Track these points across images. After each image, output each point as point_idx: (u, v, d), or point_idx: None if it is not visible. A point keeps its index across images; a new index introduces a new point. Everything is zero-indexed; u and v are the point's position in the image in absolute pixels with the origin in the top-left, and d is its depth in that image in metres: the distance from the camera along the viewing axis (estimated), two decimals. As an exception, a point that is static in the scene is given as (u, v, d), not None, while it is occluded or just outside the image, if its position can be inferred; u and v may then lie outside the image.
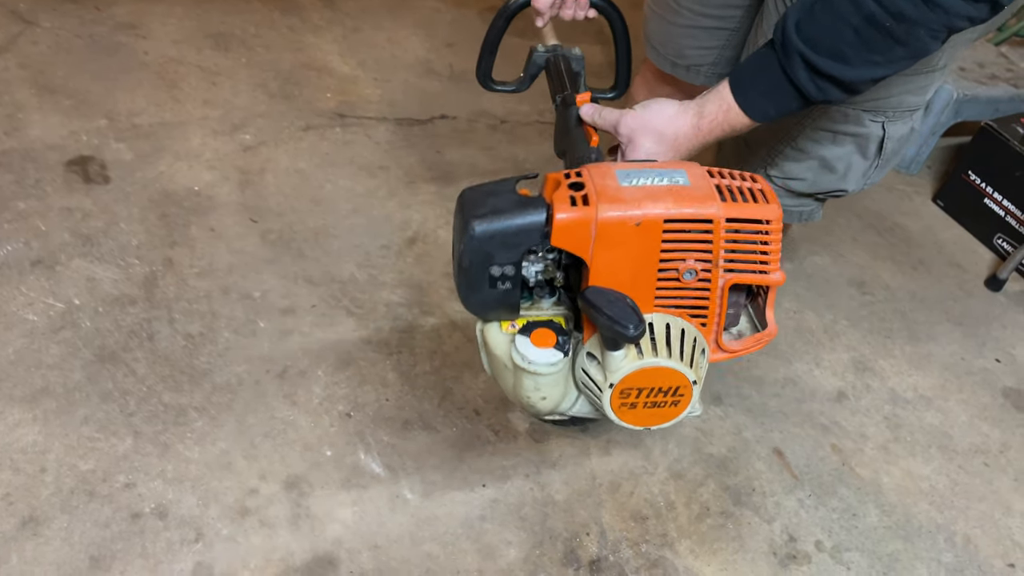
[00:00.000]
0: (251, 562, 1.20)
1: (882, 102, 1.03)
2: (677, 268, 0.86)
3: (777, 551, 1.34)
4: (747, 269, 0.88)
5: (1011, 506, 1.47)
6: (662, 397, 0.89)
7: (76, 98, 1.99)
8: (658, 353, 0.86)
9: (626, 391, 0.88)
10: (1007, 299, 1.94)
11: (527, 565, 1.26)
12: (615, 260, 0.85)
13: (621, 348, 0.86)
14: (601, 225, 0.83)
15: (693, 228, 0.84)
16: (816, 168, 1.10)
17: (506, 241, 0.85)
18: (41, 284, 1.54)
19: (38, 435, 1.31)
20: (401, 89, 2.24)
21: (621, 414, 0.91)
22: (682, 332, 0.89)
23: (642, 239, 0.84)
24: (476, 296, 0.90)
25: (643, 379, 0.87)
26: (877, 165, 1.11)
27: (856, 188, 1.14)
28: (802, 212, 1.20)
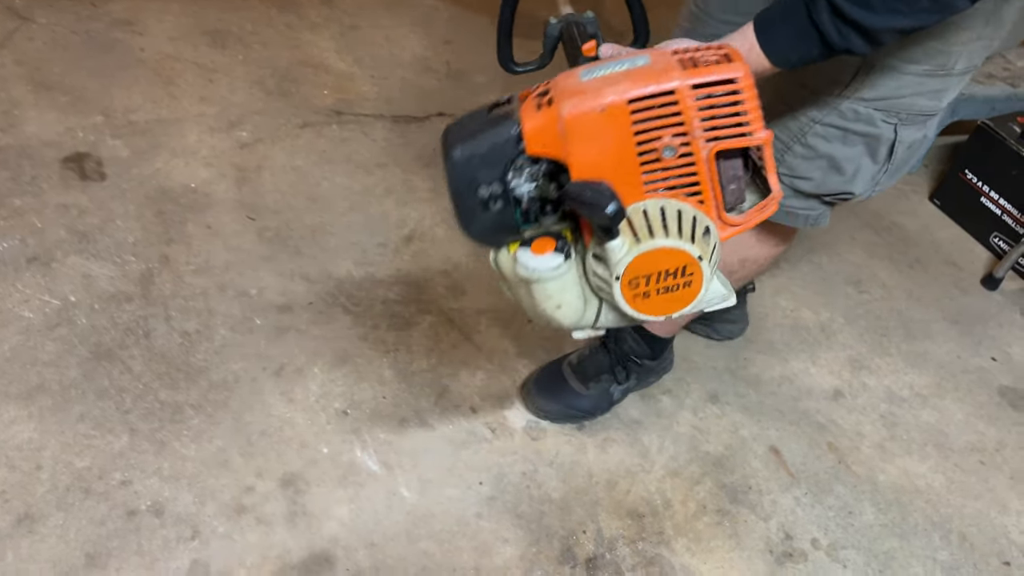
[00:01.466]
0: (247, 560, 1.20)
1: (894, 102, 1.02)
2: (655, 148, 0.85)
3: (773, 549, 1.34)
4: (727, 134, 0.86)
5: (1007, 504, 1.47)
6: (672, 280, 0.87)
7: (72, 95, 1.98)
8: (654, 234, 0.85)
9: (634, 281, 0.87)
10: (1003, 298, 1.94)
11: (523, 563, 1.26)
12: (592, 154, 0.85)
13: (616, 237, 0.86)
14: (567, 122, 0.83)
15: (659, 103, 0.83)
16: (824, 168, 1.08)
17: (485, 159, 0.86)
18: (37, 281, 1.53)
19: (34, 432, 1.31)
20: (398, 86, 2.24)
21: (638, 306, 0.89)
22: (678, 212, 0.87)
23: (611, 126, 0.84)
24: (474, 223, 0.91)
25: (647, 265, 0.86)
26: (887, 170, 1.09)
27: (864, 192, 1.12)
28: (808, 215, 1.17)
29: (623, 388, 1.48)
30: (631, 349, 1.45)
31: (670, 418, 1.51)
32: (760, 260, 1.30)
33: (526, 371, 1.54)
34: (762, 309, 1.77)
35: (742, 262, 1.28)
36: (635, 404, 1.53)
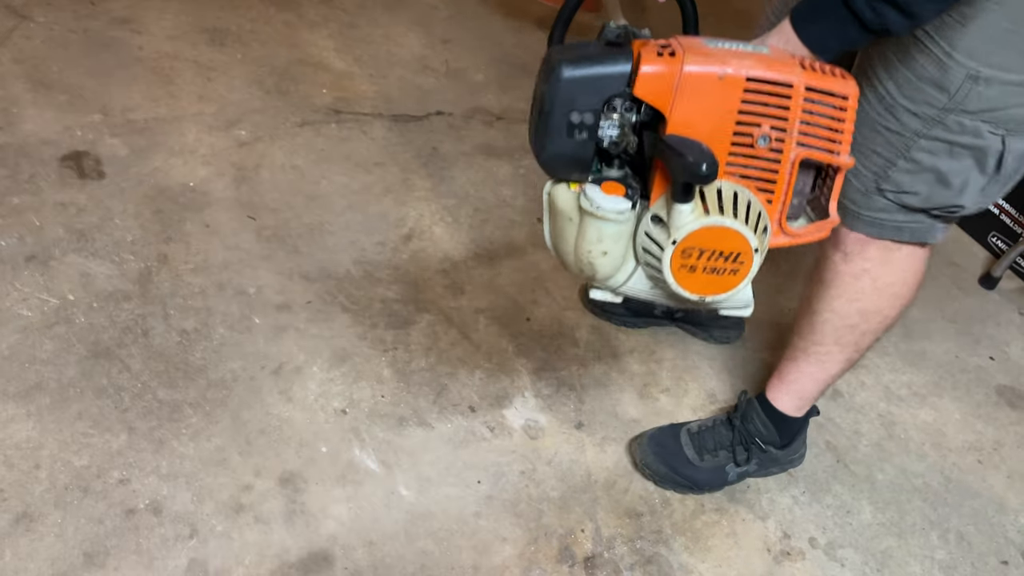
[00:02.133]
0: (246, 558, 1.20)
1: (1000, 113, 0.99)
2: (752, 133, 0.87)
3: (771, 548, 1.35)
4: (820, 146, 0.88)
5: (1004, 503, 1.48)
6: (722, 263, 0.89)
7: (71, 93, 1.98)
8: (724, 213, 0.87)
9: (688, 250, 0.87)
10: (1001, 297, 1.94)
11: (522, 561, 1.27)
12: (694, 115, 0.86)
13: (690, 201, 0.87)
14: (685, 77, 0.85)
15: (773, 91, 0.85)
16: (931, 182, 1.05)
17: (590, 86, 0.87)
18: (35, 279, 1.53)
19: (32, 431, 1.30)
20: (397, 85, 2.24)
21: (680, 277, 0.90)
22: (749, 202, 0.89)
23: (723, 95, 0.85)
24: (552, 145, 0.90)
25: (706, 239, 0.87)
26: (996, 181, 1.05)
27: (973, 205, 1.08)
28: (915, 229, 1.12)
29: (741, 471, 1.39)
30: (756, 431, 1.37)
31: (668, 417, 1.51)
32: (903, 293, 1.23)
33: (525, 370, 1.55)
34: (760, 309, 1.77)
35: (894, 298, 1.22)
36: (634, 403, 1.53)
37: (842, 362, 1.29)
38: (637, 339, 1.65)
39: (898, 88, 1.01)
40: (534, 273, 1.75)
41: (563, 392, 1.53)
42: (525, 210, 1.90)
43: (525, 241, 1.82)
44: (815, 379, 1.32)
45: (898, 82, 1.01)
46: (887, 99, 1.03)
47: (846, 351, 1.27)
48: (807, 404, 1.37)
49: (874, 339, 1.27)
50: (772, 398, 1.37)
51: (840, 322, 1.23)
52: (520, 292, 1.70)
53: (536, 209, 1.90)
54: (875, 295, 1.19)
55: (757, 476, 1.43)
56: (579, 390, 1.54)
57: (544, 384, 1.53)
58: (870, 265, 1.17)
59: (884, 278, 1.18)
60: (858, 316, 1.22)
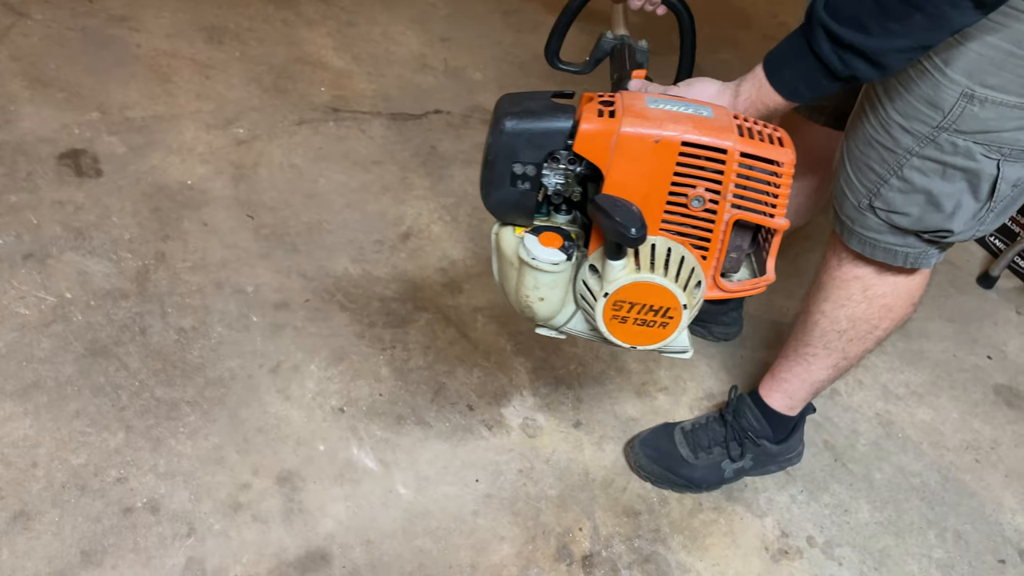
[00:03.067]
0: (244, 557, 1.20)
1: (996, 136, 0.96)
2: (687, 194, 0.89)
3: (769, 546, 1.35)
4: (754, 208, 0.90)
5: (1002, 502, 1.48)
6: (652, 316, 0.92)
7: (68, 91, 1.98)
8: (655, 270, 0.90)
9: (619, 303, 0.91)
10: (999, 296, 1.95)
11: (520, 560, 1.27)
12: (630, 174, 0.89)
13: (622, 258, 0.90)
14: (622, 138, 0.87)
15: (708, 155, 0.87)
16: (922, 203, 1.03)
17: (532, 140, 0.90)
18: (32, 278, 1.53)
19: (29, 429, 1.30)
20: (395, 84, 2.24)
21: (612, 327, 0.94)
22: (681, 259, 0.92)
23: (658, 158, 0.88)
24: (497, 192, 0.95)
25: (637, 293, 0.90)
26: (990, 209, 1.03)
27: (964, 231, 1.06)
28: (908, 253, 1.11)
29: (736, 467, 1.39)
30: (749, 426, 1.38)
31: (667, 416, 1.51)
32: (896, 311, 1.22)
33: (523, 369, 1.55)
34: (758, 308, 1.77)
35: (884, 309, 1.21)
36: (632, 402, 1.53)
37: (829, 367, 1.29)
38: (635, 338, 1.65)
39: (892, 103, 1.00)
40: (532, 272, 1.75)
41: (561, 391, 1.53)
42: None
43: (523, 240, 1.82)
44: (802, 380, 1.32)
45: (892, 97, 1.00)
46: (881, 114, 1.02)
47: (832, 356, 1.27)
48: (797, 404, 1.37)
49: (863, 349, 1.26)
50: (764, 395, 1.38)
51: (829, 325, 1.24)
52: (518, 291, 1.70)
53: (534, 208, 1.90)
54: (865, 303, 1.19)
55: (755, 474, 1.43)
56: (577, 389, 1.54)
57: (542, 383, 1.53)
58: (863, 272, 1.17)
59: (876, 288, 1.17)
60: (846, 322, 1.22)
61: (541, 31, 1.31)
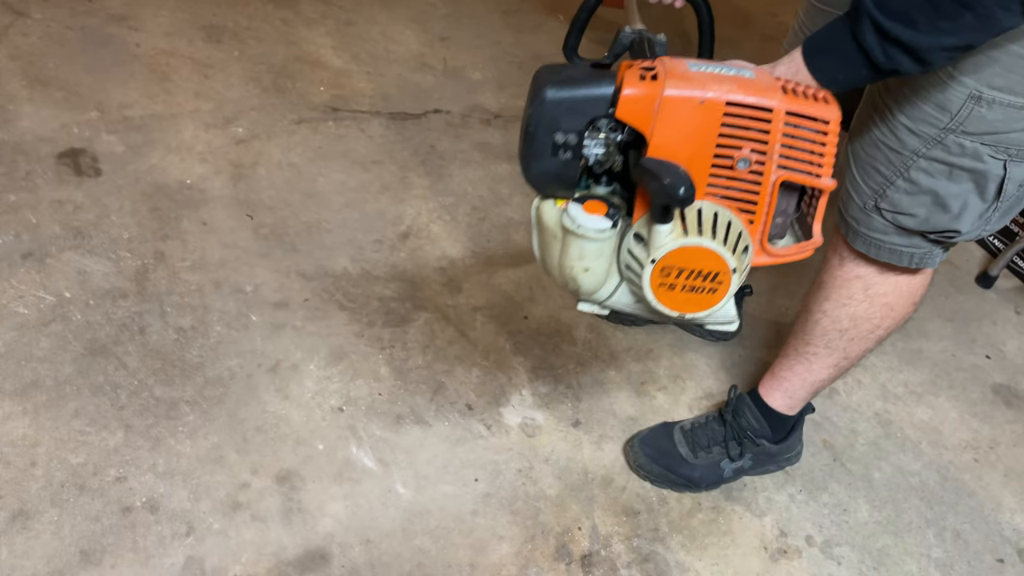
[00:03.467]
0: (243, 556, 1.20)
1: (1003, 137, 0.97)
2: (732, 156, 0.88)
3: (768, 546, 1.35)
4: (800, 168, 0.89)
5: (1000, 502, 1.48)
6: (700, 282, 0.90)
7: (67, 90, 1.97)
8: (703, 233, 0.88)
9: (667, 269, 0.89)
10: (998, 296, 1.95)
11: (519, 559, 1.27)
12: (674, 138, 0.88)
13: (669, 222, 0.89)
14: (665, 101, 0.86)
15: (753, 115, 0.86)
16: (928, 204, 1.04)
17: (574, 107, 0.89)
18: (32, 277, 1.53)
19: (28, 428, 1.30)
20: (395, 83, 2.24)
21: (659, 294, 0.92)
22: (729, 222, 0.91)
23: (703, 119, 0.87)
24: (538, 164, 0.93)
25: (685, 258, 0.89)
26: (996, 208, 1.03)
27: (971, 232, 1.06)
28: (913, 254, 1.11)
29: (735, 467, 1.38)
30: (748, 425, 1.38)
31: (665, 415, 1.51)
32: (897, 311, 1.23)
33: (522, 368, 1.55)
34: (758, 307, 1.78)
35: (885, 308, 1.21)
36: (631, 401, 1.53)
37: (830, 367, 1.29)
38: (634, 337, 1.65)
39: (898, 106, 1.00)
40: (532, 271, 1.75)
41: (560, 390, 1.53)
42: (523, 208, 1.90)
43: (523, 239, 1.82)
44: (803, 379, 1.33)
45: (898, 100, 1.00)
46: (887, 116, 1.02)
47: (834, 355, 1.27)
48: (797, 404, 1.37)
49: (864, 348, 1.26)
50: (764, 394, 1.38)
51: (830, 325, 1.24)
52: (517, 290, 1.70)
53: (534, 207, 1.90)
54: (866, 302, 1.19)
55: (754, 474, 1.43)
56: (576, 388, 1.54)
57: (541, 382, 1.53)
58: (865, 272, 1.17)
59: (877, 287, 1.18)
60: (848, 321, 1.22)
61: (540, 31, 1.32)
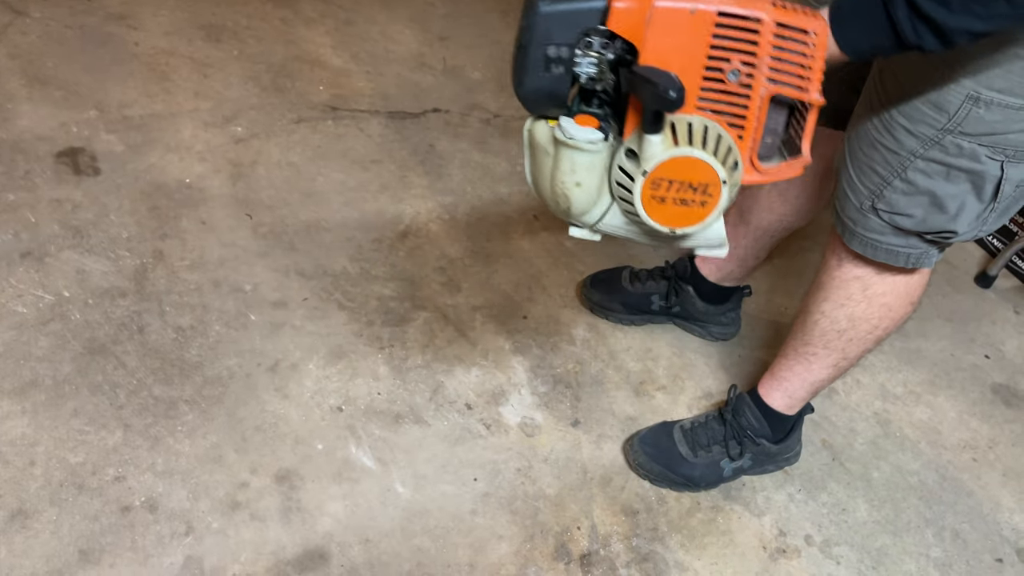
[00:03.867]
0: (242, 555, 1.20)
1: (1000, 138, 0.97)
2: (722, 68, 0.89)
3: (767, 545, 1.35)
4: (789, 82, 0.90)
5: (999, 501, 1.48)
6: (691, 194, 0.92)
7: (66, 89, 1.97)
8: (693, 144, 0.90)
9: (658, 181, 0.90)
10: (996, 296, 1.95)
11: (518, 559, 1.27)
12: (666, 49, 0.90)
13: (660, 131, 0.90)
14: (657, 12, 0.88)
15: (743, 26, 0.88)
16: (926, 205, 1.04)
17: (566, 20, 0.91)
18: (30, 276, 1.53)
19: (27, 428, 1.30)
20: (394, 82, 2.23)
21: (650, 208, 0.93)
22: (719, 136, 0.92)
23: (694, 30, 0.89)
24: (530, 78, 0.94)
25: (675, 170, 0.90)
26: (993, 209, 1.03)
27: (968, 232, 1.06)
28: (910, 254, 1.11)
29: (735, 466, 1.39)
30: (748, 424, 1.38)
31: (665, 414, 1.51)
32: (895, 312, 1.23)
33: (521, 368, 1.55)
34: (757, 307, 1.78)
35: (884, 308, 1.22)
36: (630, 401, 1.53)
37: (829, 367, 1.30)
38: (633, 337, 1.65)
39: (895, 106, 1.00)
40: (531, 271, 1.75)
41: (559, 390, 1.53)
42: (522, 207, 1.90)
43: (522, 238, 1.82)
44: (803, 379, 1.33)
45: (895, 99, 1.00)
46: (884, 116, 1.02)
47: (832, 356, 1.28)
48: (796, 403, 1.38)
49: (863, 349, 1.27)
50: (763, 394, 1.38)
51: (829, 325, 1.24)
52: (517, 290, 1.70)
53: (533, 205, 1.90)
54: (865, 303, 1.20)
55: (753, 473, 1.43)
56: (575, 388, 1.54)
57: (540, 382, 1.53)
58: (863, 272, 1.17)
59: (875, 287, 1.18)
60: (846, 321, 1.22)
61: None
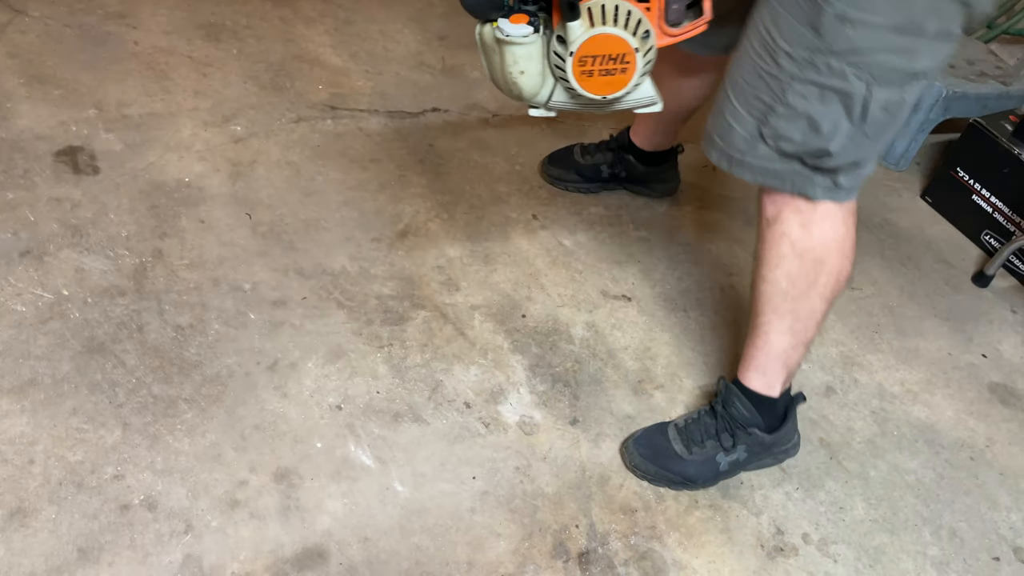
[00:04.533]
0: (241, 554, 1.21)
1: (864, 58, 1.05)
2: None
3: (765, 544, 1.35)
4: None
5: (996, 500, 1.48)
6: (612, 64, 1.09)
7: (65, 88, 1.97)
8: (606, 23, 1.07)
9: (583, 58, 1.08)
10: (994, 295, 1.95)
11: (516, 557, 1.27)
12: None
13: (578, 17, 1.08)
14: None
15: None
16: (805, 128, 1.12)
17: None
18: (29, 275, 1.53)
19: (26, 426, 1.30)
20: (393, 82, 2.24)
21: (582, 82, 1.11)
22: (628, 12, 1.08)
23: None
24: None
25: (596, 46, 1.08)
26: (864, 132, 1.11)
27: (841, 153, 1.13)
28: (794, 180, 1.18)
29: (731, 459, 1.39)
30: (739, 414, 1.38)
31: (663, 413, 1.52)
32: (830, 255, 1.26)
33: (520, 366, 1.55)
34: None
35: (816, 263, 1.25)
36: (628, 399, 1.53)
37: (785, 332, 1.32)
38: (632, 336, 1.66)
39: (779, 31, 1.08)
40: (529, 270, 1.75)
41: (558, 388, 1.53)
42: (520, 207, 1.90)
43: (521, 238, 1.82)
44: (766, 353, 1.36)
45: (779, 25, 1.08)
46: (768, 43, 1.09)
47: (785, 320, 1.31)
48: (775, 382, 1.38)
49: (811, 308, 1.29)
50: (742, 378, 1.40)
51: (771, 289, 1.29)
52: (515, 289, 1.71)
53: (531, 205, 1.91)
54: (796, 259, 1.24)
55: (751, 468, 1.44)
56: (574, 386, 1.54)
57: (539, 380, 1.54)
58: (787, 228, 1.23)
59: (802, 242, 1.23)
60: (785, 281, 1.26)
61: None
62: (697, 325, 1.71)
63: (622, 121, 2.26)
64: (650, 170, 1.93)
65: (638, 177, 1.94)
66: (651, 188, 1.96)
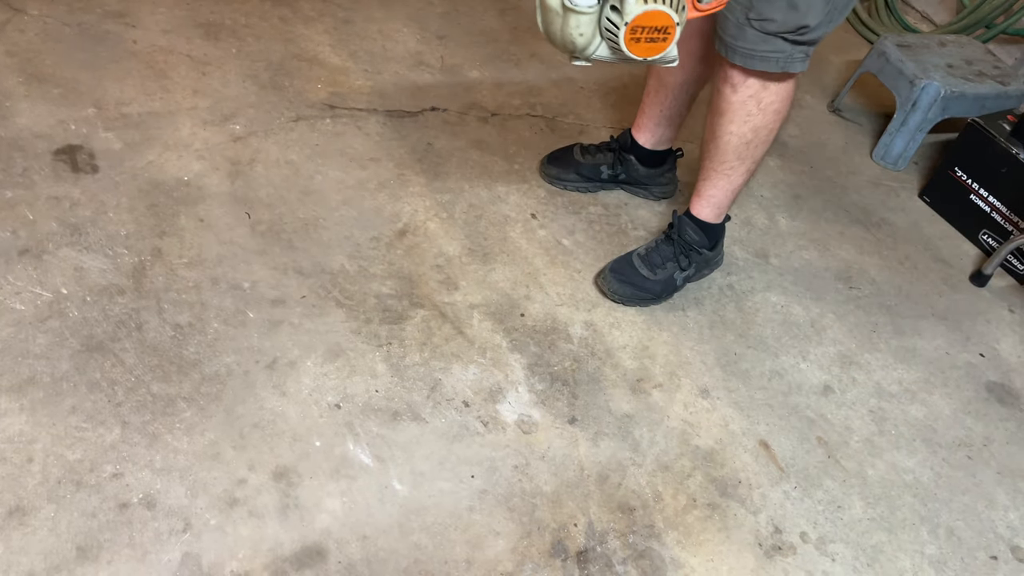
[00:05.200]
0: (239, 552, 1.21)
1: None
2: None
3: (763, 542, 1.36)
4: None
5: (994, 499, 1.49)
6: (656, 34, 1.23)
7: (64, 87, 1.97)
8: (657, 1, 1.21)
9: (635, 28, 1.22)
10: (992, 294, 1.96)
11: (515, 556, 1.27)
12: None
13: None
14: None
15: None
16: (784, 8, 1.35)
17: None
18: (28, 273, 1.53)
19: (25, 425, 1.30)
20: (392, 81, 2.24)
21: (631, 47, 1.24)
22: None
23: None
24: None
25: (646, 19, 1.21)
26: (834, 5, 1.35)
27: (818, 27, 1.37)
28: (779, 58, 1.41)
29: (684, 275, 1.72)
30: (691, 239, 1.71)
31: (661, 412, 1.52)
32: (768, 113, 1.53)
33: (519, 365, 1.55)
34: (753, 305, 1.78)
35: (776, 115, 1.53)
36: (627, 398, 1.53)
37: (744, 173, 1.63)
38: (631, 335, 1.66)
39: None
40: (528, 269, 1.76)
41: (556, 387, 1.53)
42: (519, 206, 1.90)
43: (520, 237, 1.83)
44: (725, 191, 1.67)
45: None
46: None
47: (746, 163, 1.61)
48: (723, 212, 1.72)
49: (765, 150, 1.60)
50: (696, 212, 1.71)
51: (738, 141, 1.56)
52: (514, 288, 1.71)
53: (530, 205, 1.91)
54: (761, 114, 1.52)
55: (696, 279, 1.76)
56: (572, 385, 1.54)
57: (538, 379, 1.54)
58: (753, 91, 1.49)
59: (766, 99, 1.50)
60: (751, 133, 1.54)
61: (537, 30, 1.34)
62: (695, 324, 1.71)
63: (622, 122, 2.26)
64: (650, 172, 1.96)
65: (637, 179, 1.98)
66: (649, 191, 2.00)
